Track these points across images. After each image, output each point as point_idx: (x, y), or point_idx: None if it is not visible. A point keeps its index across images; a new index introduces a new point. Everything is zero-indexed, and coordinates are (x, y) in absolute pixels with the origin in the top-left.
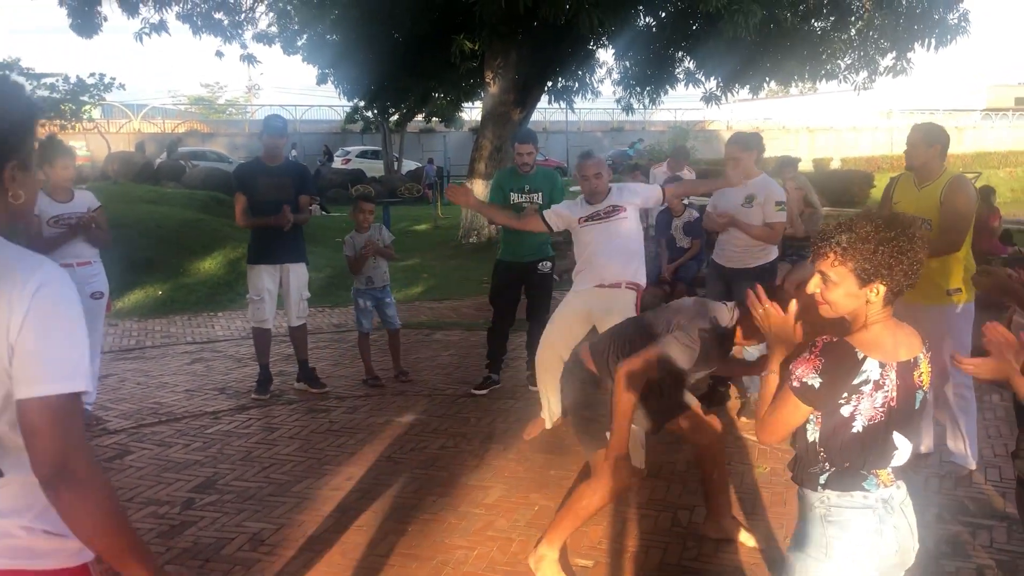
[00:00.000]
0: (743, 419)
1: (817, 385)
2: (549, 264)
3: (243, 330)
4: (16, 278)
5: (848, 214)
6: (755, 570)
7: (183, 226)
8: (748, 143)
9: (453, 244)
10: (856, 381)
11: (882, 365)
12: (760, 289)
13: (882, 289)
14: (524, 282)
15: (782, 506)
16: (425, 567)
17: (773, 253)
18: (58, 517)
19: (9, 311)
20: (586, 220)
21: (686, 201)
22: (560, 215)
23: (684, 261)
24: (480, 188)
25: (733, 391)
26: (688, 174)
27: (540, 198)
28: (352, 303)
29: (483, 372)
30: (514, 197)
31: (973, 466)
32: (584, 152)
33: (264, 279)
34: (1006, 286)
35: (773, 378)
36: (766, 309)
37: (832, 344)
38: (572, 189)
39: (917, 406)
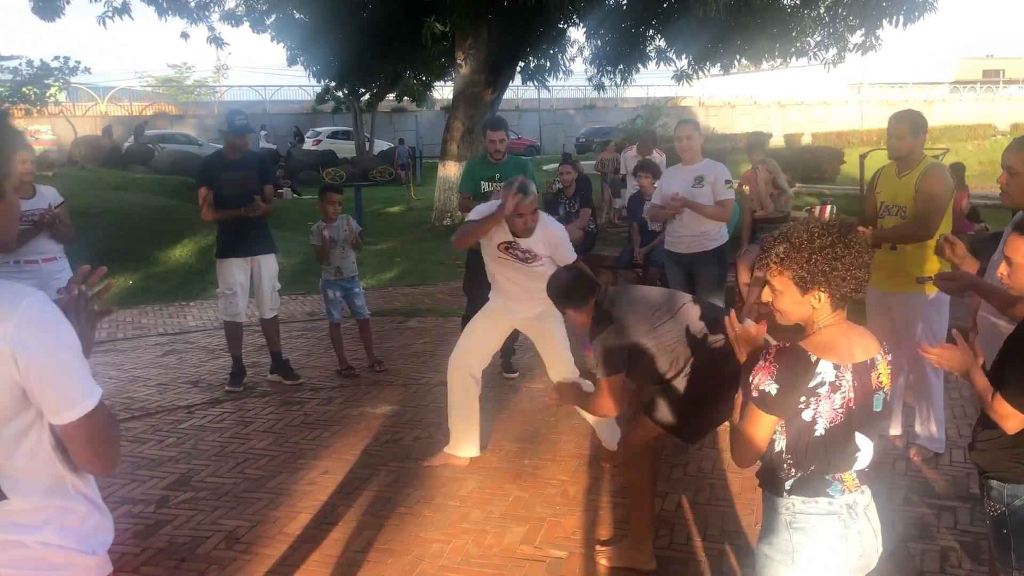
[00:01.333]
0: None
1: (774, 391)
2: None
3: (215, 320)
4: (3, 314)
5: (819, 190)
6: (723, 558)
7: (153, 213)
8: (698, 125)
9: (427, 226)
10: (812, 384)
11: (836, 367)
12: (733, 315)
13: (823, 295)
14: None
15: (752, 491)
16: (401, 562)
17: (725, 234)
18: (74, 535)
19: (8, 347)
20: (505, 250)
21: (656, 184)
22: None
23: (656, 244)
24: (452, 169)
25: None
26: (658, 156)
27: None
28: (321, 293)
29: None
30: (485, 186)
31: (941, 449)
32: (521, 185)
33: (235, 272)
34: (972, 283)
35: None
36: (737, 332)
37: (785, 349)
38: (545, 168)
39: (878, 408)
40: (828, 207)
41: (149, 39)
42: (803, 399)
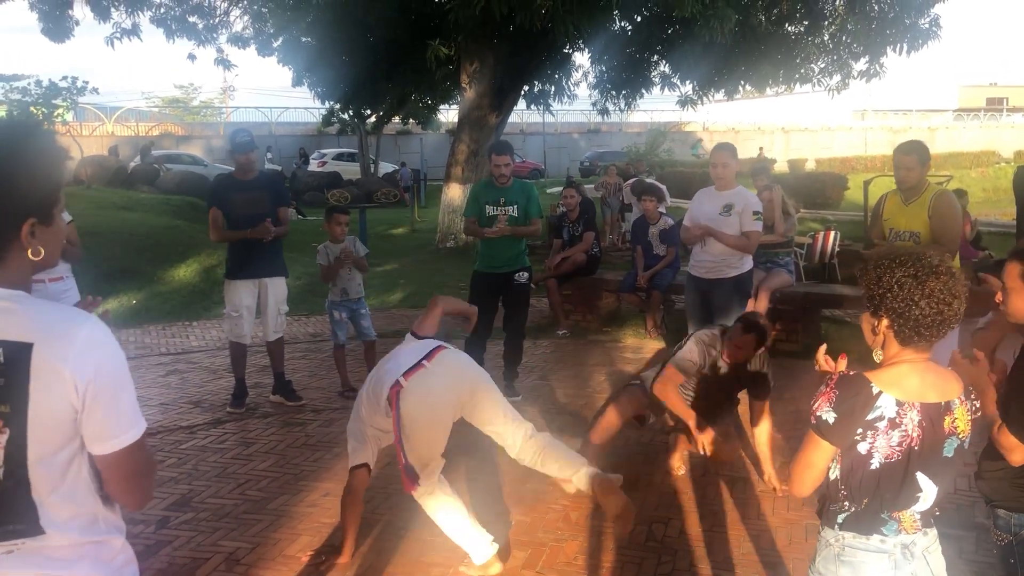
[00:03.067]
0: None
1: (832, 420)
2: (526, 274)
3: (218, 340)
4: (67, 337)
5: (823, 216)
6: None
7: (157, 233)
8: (735, 152)
9: (430, 249)
10: (870, 416)
11: (899, 403)
12: (823, 348)
13: (883, 323)
14: (501, 293)
15: (756, 519)
16: None
17: (748, 262)
18: (107, 569)
19: (67, 372)
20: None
21: (662, 209)
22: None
23: (660, 268)
24: (456, 192)
25: None
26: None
27: (516, 210)
28: (327, 314)
29: None
30: (489, 210)
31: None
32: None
33: (242, 295)
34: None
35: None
36: (823, 365)
37: (847, 377)
38: (549, 191)
39: (949, 454)
40: (832, 233)
41: (157, 60)
42: (860, 431)
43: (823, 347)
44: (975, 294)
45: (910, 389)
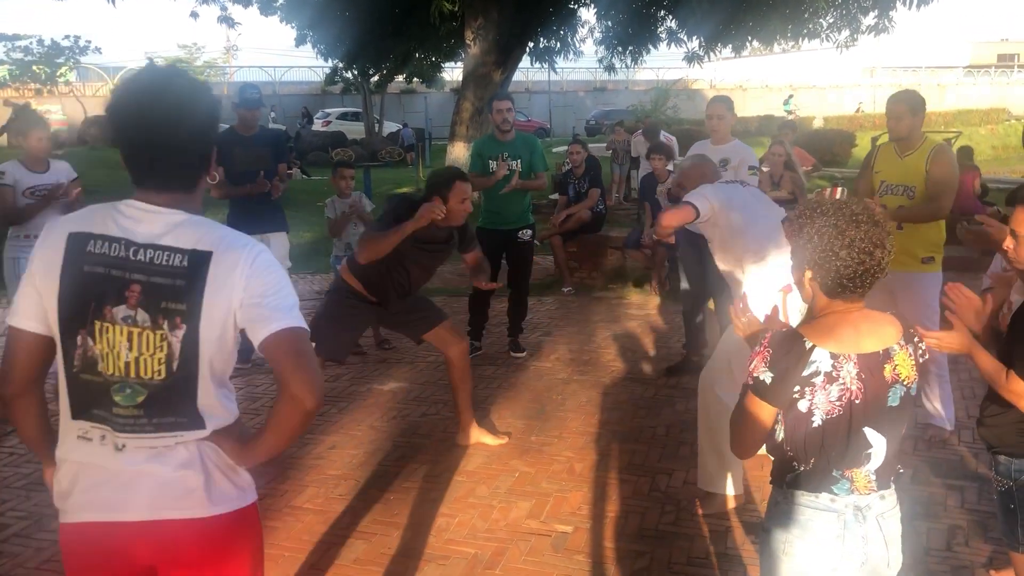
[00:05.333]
0: None
1: (768, 380)
2: (530, 232)
3: None
4: (241, 249)
5: (831, 174)
6: (729, 534)
7: None
8: (731, 104)
9: None
10: (806, 372)
11: (834, 356)
12: (745, 300)
13: (807, 275)
14: (505, 250)
15: (759, 469)
16: (406, 535)
17: None
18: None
19: (237, 276)
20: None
21: (670, 167)
22: None
23: None
24: (461, 151)
25: None
26: (667, 140)
27: (520, 164)
28: (332, 271)
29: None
30: (493, 164)
31: (950, 428)
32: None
33: None
34: (992, 238)
35: None
36: (743, 321)
37: (781, 334)
38: (555, 151)
39: (894, 403)
40: (839, 189)
41: (159, 20)
42: (797, 388)
43: (737, 304)
44: (977, 234)
45: (844, 340)
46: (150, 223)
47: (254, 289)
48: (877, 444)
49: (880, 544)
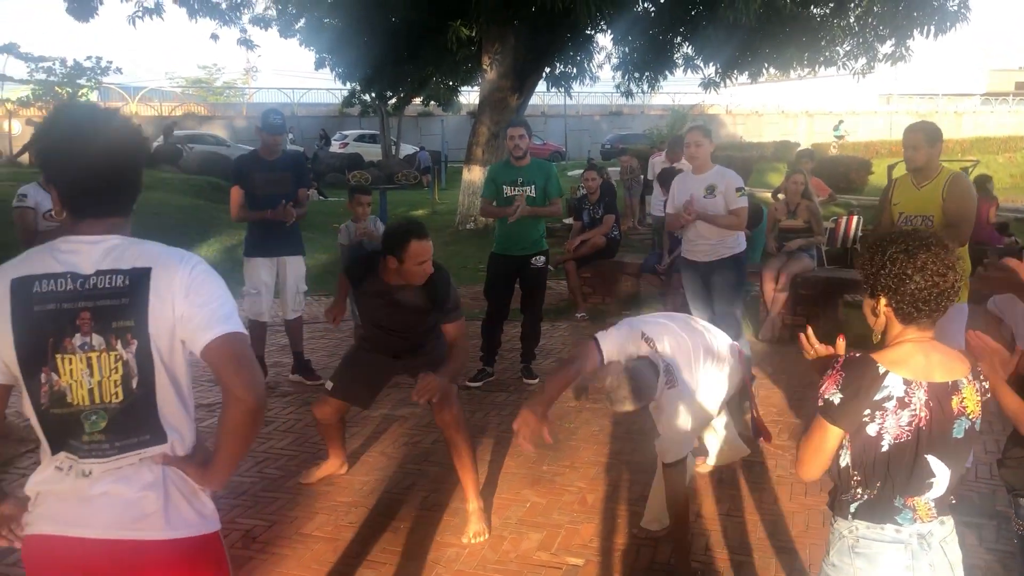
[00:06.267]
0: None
1: (837, 401)
2: (543, 258)
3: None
4: (177, 261)
5: (847, 201)
6: (742, 570)
7: (180, 212)
8: (708, 131)
9: (451, 230)
10: (878, 396)
11: (907, 382)
12: (810, 331)
13: (882, 303)
14: (519, 276)
15: (772, 504)
16: (417, 565)
17: (743, 241)
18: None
19: (177, 287)
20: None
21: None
22: None
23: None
24: (477, 174)
25: None
26: (686, 164)
27: (534, 190)
28: None
29: (477, 364)
30: (507, 190)
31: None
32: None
33: (261, 272)
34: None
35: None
36: (817, 350)
37: (853, 359)
38: (570, 174)
39: (959, 435)
40: (855, 218)
41: (180, 41)
42: (868, 412)
43: (808, 329)
44: (985, 279)
45: (916, 368)
46: (88, 253)
47: (192, 299)
48: (940, 473)
49: (946, 570)
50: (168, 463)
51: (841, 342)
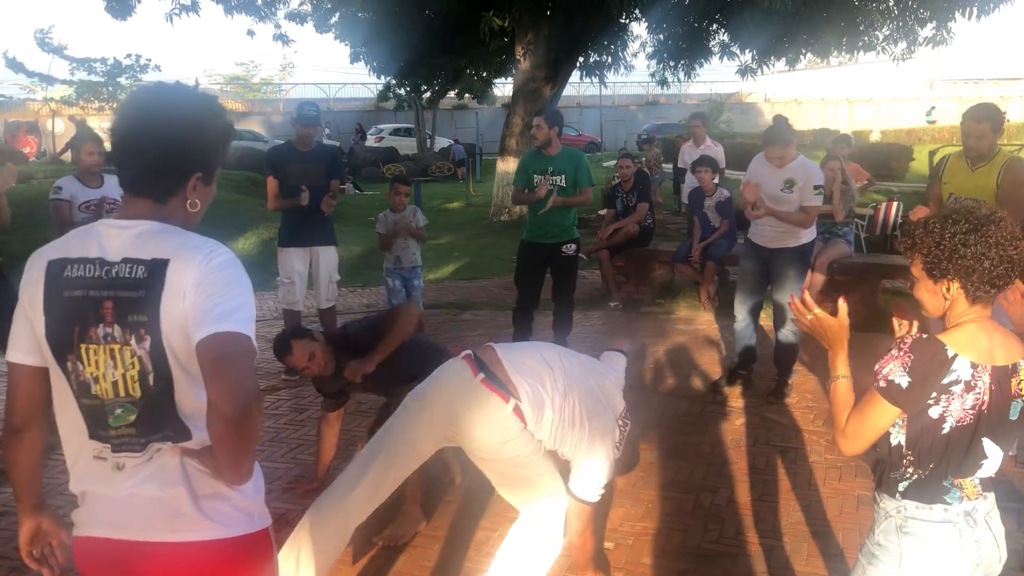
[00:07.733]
0: (772, 401)
1: (905, 384)
2: (573, 246)
3: (275, 311)
4: (197, 251)
5: (888, 188)
6: (774, 554)
7: (216, 206)
8: (792, 135)
9: (485, 222)
10: (946, 380)
11: (974, 365)
12: (806, 295)
13: (954, 286)
14: (549, 263)
15: (806, 488)
16: (447, 548)
17: (812, 232)
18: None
19: (189, 279)
20: None
21: (716, 180)
22: None
23: (714, 239)
24: (511, 165)
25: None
26: (714, 148)
27: (564, 180)
28: (383, 283)
29: None
30: (537, 179)
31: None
32: None
33: (294, 261)
34: None
35: (842, 384)
36: (816, 315)
37: (922, 341)
38: (605, 165)
39: (1014, 416)
40: (895, 204)
41: (217, 39)
42: (934, 395)
43: (840, 300)
44: None
45: (982, 351)
46: (118, 238)
47: (200, 292)
48: (992, 455)
49: (992, 544)
50: (187, 455)
51: (843, 304)
